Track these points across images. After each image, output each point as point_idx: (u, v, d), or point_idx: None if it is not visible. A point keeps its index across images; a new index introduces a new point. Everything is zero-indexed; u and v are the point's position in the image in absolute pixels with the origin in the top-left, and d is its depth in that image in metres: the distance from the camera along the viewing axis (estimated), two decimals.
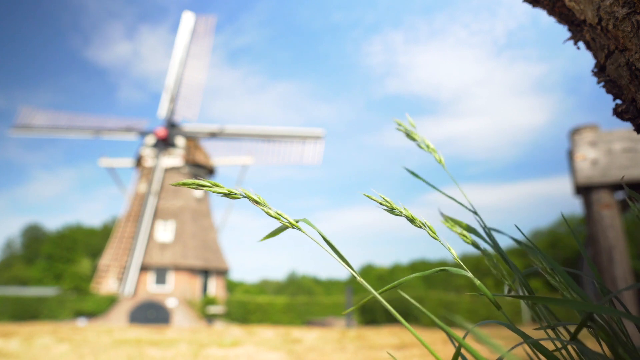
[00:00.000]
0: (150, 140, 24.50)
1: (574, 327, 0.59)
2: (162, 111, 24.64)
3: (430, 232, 0.66)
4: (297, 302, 23.64)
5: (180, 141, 24.69)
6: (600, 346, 0.57)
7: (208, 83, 42.81)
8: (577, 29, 0.87)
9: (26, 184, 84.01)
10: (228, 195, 0.59)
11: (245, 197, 0.59)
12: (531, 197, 79.36)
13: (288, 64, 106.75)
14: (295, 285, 57.05)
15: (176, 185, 0.57)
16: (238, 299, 24.20)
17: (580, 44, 0.88)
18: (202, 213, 25.66)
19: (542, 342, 0.56)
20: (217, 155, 25.32)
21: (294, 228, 0.60)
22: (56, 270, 43.88)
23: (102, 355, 8.07)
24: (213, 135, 24.50)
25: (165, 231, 24.06)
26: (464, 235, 0.69)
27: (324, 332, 15.15)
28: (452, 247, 0.65)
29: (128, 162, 25.41)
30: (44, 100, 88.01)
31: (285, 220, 0.60)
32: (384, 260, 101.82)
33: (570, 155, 5.20)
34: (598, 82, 0.83)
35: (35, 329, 16.41)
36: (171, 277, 23.11)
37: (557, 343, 0.59)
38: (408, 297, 0.61)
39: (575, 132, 5.16)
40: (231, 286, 44.00)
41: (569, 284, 0.62)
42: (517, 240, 0.75)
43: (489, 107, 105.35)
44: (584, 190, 5.06)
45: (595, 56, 0.83)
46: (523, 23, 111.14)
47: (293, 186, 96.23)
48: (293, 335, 13.87)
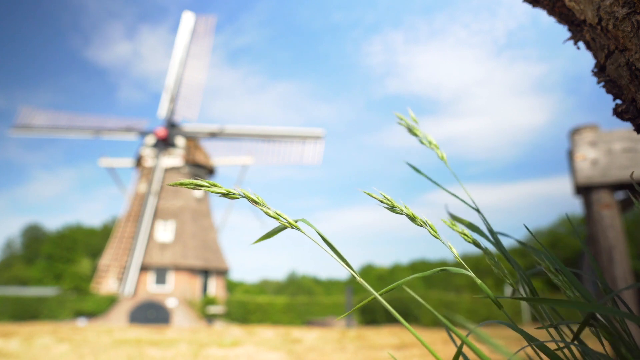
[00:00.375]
0: (150, 140, 24.50)
1: (576, 326, 0.59)
2: (162, 111, 24.65)
3: (431, 230, 0.66)
4: (297, 302, 23.64)
5: (180, 141, 24.70)
6: (602, 345, 0.57)
7: (208, 83, 42.83)
8: (577, 29, 0.87)
9: (26, 184, 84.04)
10: (226, 195, 0.59)
11: (244, 197, 0.59)
12: (531, 197, 79.36)
13: (288, 64, 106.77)
14: (295, 285, 57.04)
15: (174, 185, 0.57)
16: (238, 299, 24.21)
17: (580, 44, 0.88)
18: (202, 213, 25.66)
19: (545, 342, 0.56)
20: (217, 155, 25.34)
21: (293, 228, 0.60)
22: (56, 270, 43.87)
23: (102, 355, 8.07)
24: (213, 135, 24.50)
25: (165, 231, 24.06)
26: (465, 234, 0.69)
27: (324, 332, 15.16)
28: (453, 246, 0.65)
29: (128, 162, 25.42)
30: (44, 100, 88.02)
31: (284, 220, 0.60)
32: (384, 260, 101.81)
33: (570, 155, 5.20)
34: (598, 82, 0.83)
35: (35, 329, 16.41)
36: (171, 277, 23.11)
37: (560, 343, 0.59)
38: (416, 296, 0.61)
39: (575, 132, 5.16)
40: (231, 286, 44.00)
41: (573, 283, 0.62)
42: (519, 241, 0.75)
43: (489, 107, 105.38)
44: (584, 190, 5.07)
45: (595, 56, 0.83)
46: (523, 23, 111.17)
47: (293, 186, 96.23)
48: (293, 335, 13.88)
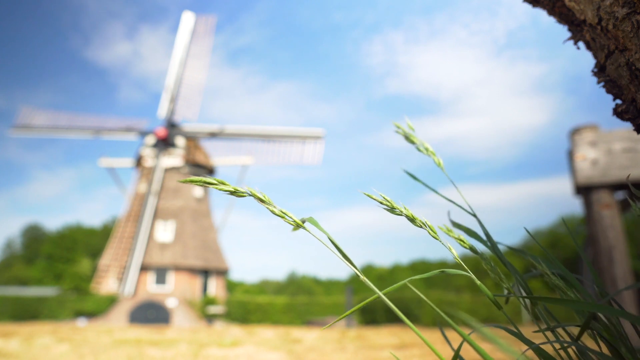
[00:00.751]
0: (150, 140, 24.50)
1: (573, 328, 0.59)
2: (162, 111, 24.65)
3: (431, 231, 0.66)
4: (297, 302, 23.64)
5: (180, 141, 24.70)
6: (599, 347, 0.57)
7: (208, 83, 42.84)
8: (577, 29, 0.87)
9: (26, 184, 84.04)
10: (234, 193, 0.59)
11: (250, 195, 0.60)
12: (531, 197, 79.35)
13: (288, 64, 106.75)
14: (295, 285, 57.05)
15: (184, 182, 0.57)
16: (238, 299, 24.21)
17: (580, 44, 0.88)
18: (202, 213, 25.66)
19: (545, 344, 0.56)
20: (217, 155, 25.34)
21: (299, 227, 0.60)
22: (56, 270, 43.88)
23: (102, 355, 8.07)
24: (213, 135, 24.50)
25: (165, 231, 24.06)
26: (462, 239, 0.69)
27: (324, 332, 15.16)
28: (452, 247, 0.65)
29: (128, 162, 25.42)
30: (44, 100, 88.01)
31: (290, 219, 0.60)
32: (384, 260, 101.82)
33: (570, 155, 5.20)
34: (598, 82, 0.83)
35: (35, 329, 16.41)
36: (171, 277, 23.11)
37: (558, 345, 0.59)
38: (421, 294, 0.61)
39: (575, 132, 5.16)
40: (231, 286, 44.00)
41: (573, 285, 0.62)
42: (512, 247, 0.76)
43: (489, 107, 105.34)
44: (584, 190, 5.06)
45: (595, 56, 0.83)
46: (523, 23, 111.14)
47: (293, 186, 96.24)
48: (293, 335, 13.88)
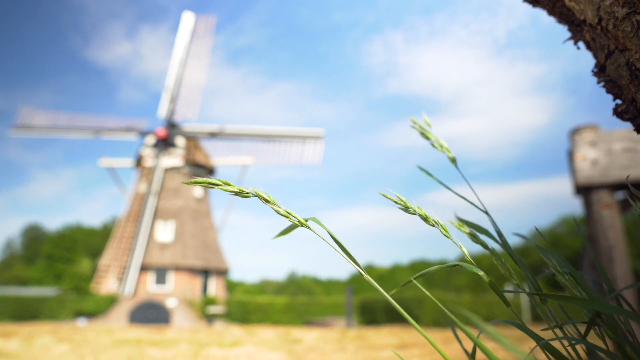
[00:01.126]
0: (150, 140, 24.50)
1: (580, 325, 0.60)
2: (162, 111, 24.65)
3: (443, 230, 0.68)
4: (297, 302, 23.64)
5: (180, 141, 24.69)
6: (606, 345, 0.58)
7: (208, 83, 42.82)
8: (577, 29, 0.87)
9: (26, 184, 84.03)
10: (239, 194, 0.60)
11: (255, 196, 0.60)
12: (531, 197, 79.35)
13: (288, 64, 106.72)
14: (295, 285, 57.05)
15: (189, 183, 0.58)
16: (238, 299, 24.21)
17: (580, 44, 0.88)
18: (202, 213, 25.65)
19: (551, 342, 0.56)
20: (217, 155, 25.33)
21: (303, 227, 0.60)
22: (56, 270, 43.89)
23: (102, 355, 8.07)
24: (213, 135, 24.50)
25: (165, 231, 24.06)
26: (473, 235, 0.70)
27: (324, 332, 15.16)
28: (452, 248, 0.66)
29: (128, 162, 25.42)
30: (44, 100, 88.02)
31: (295, 219, 0.61)
32: (384, 260, 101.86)
33: (570, 155, 5.20)
34: (598, 82, 0.83)
35: (35, 329, 16.41)
36: (171, 277, 23.11)
37: (566, 342, 0.59)
38: (427, 292, 0.61)
39: (575, 132, 5.16)
40: (231, 286, 44.01)
41: (579, 283, 0.63)
42: (527, 239, 0.76)
43: (489, 107, 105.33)
44: (584, 190, 5.07)
45: (595, 56, 0.83)
46: (523, 23, 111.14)
47: (293, 186, 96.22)
48: (293, 335, 13.88)
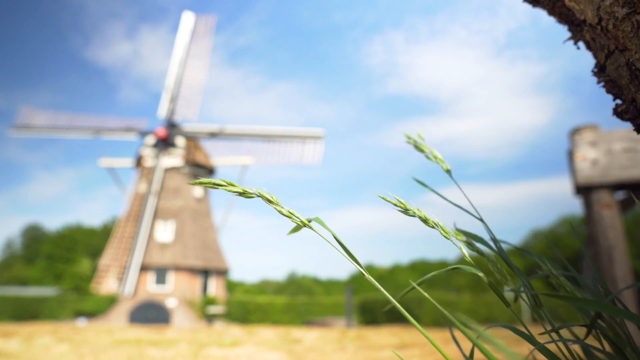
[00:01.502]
0: (150, 140, 24.50)
1: (577, 329, 0.60)
2: (162, 111, 24.65)
3: (443, 232, 0.68)
4: (297, 302, 23.64)
5: (180, 141, 24.69)
6: (602, 347, 0.57)
7: (208, 83, 42.80)
8: (577, 29, 0.87)
9: (26, 184, 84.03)
10: (243, 194, 0.60)
11: (259, 197, 0.60)
12: (531, 197, 79.34)
13: (288, 64, 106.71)
14: (295, 285, 57.03)
15: (193, 184, 0.58)
16: (238, 299, 24.21)
17: (580, 44, 0.88)
18: (202, 213, 25.66)
19: (548, 345, 0.56)
20: (217, 155, 25.34)
21: (306, 227, 0.61)
22: (56, 270, 43.89)
23: (102, 355, 8.07)
24: (213, 135, 24.50)
25: (165, 231, 24.06)
26: (469, 243, 0.71)
27: (324, 332, 15.16)
28: (452, 248, 0.66)
29: (128, 162, 25.42)
30: (44, 100, 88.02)
31: (297, 220, 0.61)
32: (384, 260, 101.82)
33: (570, 155, 5.20)
34: (598, 82, 0.83)
35: (35, 329, 16.41)
36: (171, 277, 23.11)
37: (563, 346, 0.59)
38: (428, 296, 0.62)
39: (575, 132, 5.16)
40: (231, 286, 44.00)
41: (579, 284, 0.63)
42: (519, 248, 0.76)
43: (489, 107, 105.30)
44: (584, 190, 5.06)
45: (595, 56, 0.83)
46: (523, 23, 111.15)
47: (293, 186, 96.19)
48: (293, 335, 13.88)
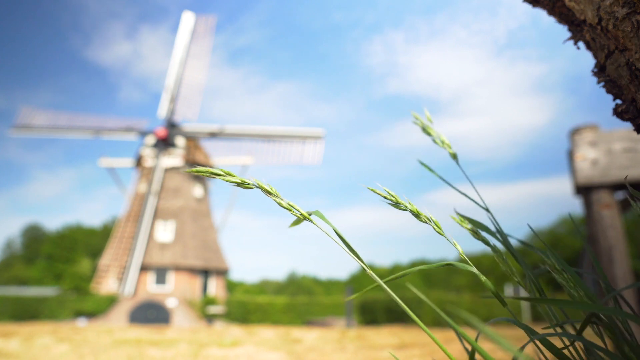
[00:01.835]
0: (150, 140, 24.51)
1: (579, 324, 0.60)
2: (162, 111, 24.65)
3: (436, 227, 0.66)
4: (297, 302, 23.65)
5: (180, 141, 24.69)
6: (605, 344, 0.58)
7: (208, 83, 42.80)
8: (577, 29, 0.87)
9: (26, 184, 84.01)
10: (241, 185, 0.60)
11: (257, 187, 0.60)
12: (531, 197, 79.30)
13: (288, 64, 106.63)
14: (295, 285, 57.03)
15: (190, 172, 0.58)
16: (238, 299, 24.21)
17: (580, 44, 0.88)
18: (202, 213, 25.66)
19: (549, 336, 0.56)
20: (217, 155, 25.33)
21: (306, 220, 0.60)
22: (56, 270, 43.89)
23: (102, 355, 8.07)
24: (213, 135, 24.50)
25: (165, 231, 24.06)
26: (475, 232, 0.69)
27: (324, 332, 15.16)
28: (452, 248, 0.65)
29: (128, 162, 25.42)
30: (44, 100, 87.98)
31: (297, 212, 0.60)
32: (384, 260, 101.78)
33: (570, 155, 5.20)
34: (598, 82, 0.83)
35: (35, 329, 16.41)
36: (171, 277, 23.11)
37: (565, 341, 0.59)
38: (422, 295, 0.62)
39: (575, 132, 5.17)
40: (231, 286, 44.01)
41: (577, 282, 0.63)
42: (523, 242, 0.76)
43: (489, 107, 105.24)
44: (584, 190, 5.07)
45: (595, 56, 0.84)
46: (523, 23, 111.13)
47: (293, 186, 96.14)
48: (293, 335, 13.88)
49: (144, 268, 22.81)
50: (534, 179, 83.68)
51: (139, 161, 25.18)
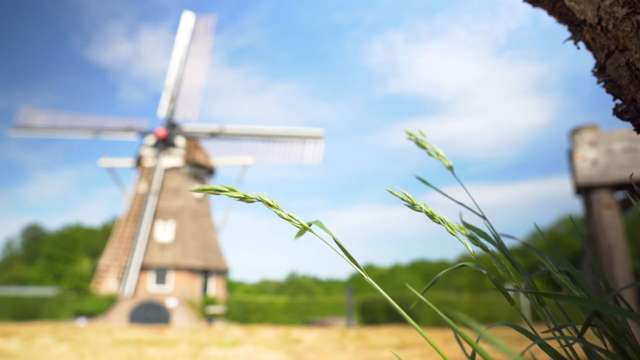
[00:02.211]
0: (150, 140, 24.50)
1: (579, 327, 0.60)
2: (162, 111, 24.65)
3: (449, 228, 0.69)
4: (297, 302, 23.65)
5: (180, 141, 24.69)
6: (605, 345, 0.58)
7: (208, 83, 42.78)
8: (577, 29, 0.87)
9: (26, 184, 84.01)
10: (244, 199, 0.61)
11: (259, 201, 0.61)
12: (531, 197, 79.30)
13: (288, 64, 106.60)
14: (295, 285, 57.05)
15: (197, 191, 0.58)
16: (238, 299, 24.21)
17: (580, 44, 0.88)
18: (202, 213, 25.66)
19: (549, 342, 0.56)
20: (217, 155, 25.34)
21: (306, 230, 0.61)
22: (56, 270, 43.89)
23: (102, 355, 8.07)
24: (213, 135, 24.50)
25: (165, 231, 24.06)
26: (473, 238, 0.71)
27: (324, 332, 15.16)
28: (452, 248, 0.66)
29: (128, 162, 25.42)
30: (44, 100, 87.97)
31: (297, 223, 0.61)
32: (384, 260, 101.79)
33: (570, 155, 5.20)
34: (598, 82, 0.83)
35: (35, 329, 16.41)
36: (171, 277, 23.11)
37: (563, 342, 0.59)
38: (422, 297, 0.62)
39: (575, 132, 5.16)
40: (231, 286, 44.01)
41: (578, 282, 0.63)
42: (524, 242, 0.77)
43: (489, 107, 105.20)
44: (584, 190, 5.07)
45: (595, 56, 0.83)
46: (523, 23, 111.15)
47: (293, 186, 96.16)
48: (293, 335, 13.88)
49: (144, 268, 22.80)
50: (534, 179, 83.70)
51: (139, 161, 25.18)
